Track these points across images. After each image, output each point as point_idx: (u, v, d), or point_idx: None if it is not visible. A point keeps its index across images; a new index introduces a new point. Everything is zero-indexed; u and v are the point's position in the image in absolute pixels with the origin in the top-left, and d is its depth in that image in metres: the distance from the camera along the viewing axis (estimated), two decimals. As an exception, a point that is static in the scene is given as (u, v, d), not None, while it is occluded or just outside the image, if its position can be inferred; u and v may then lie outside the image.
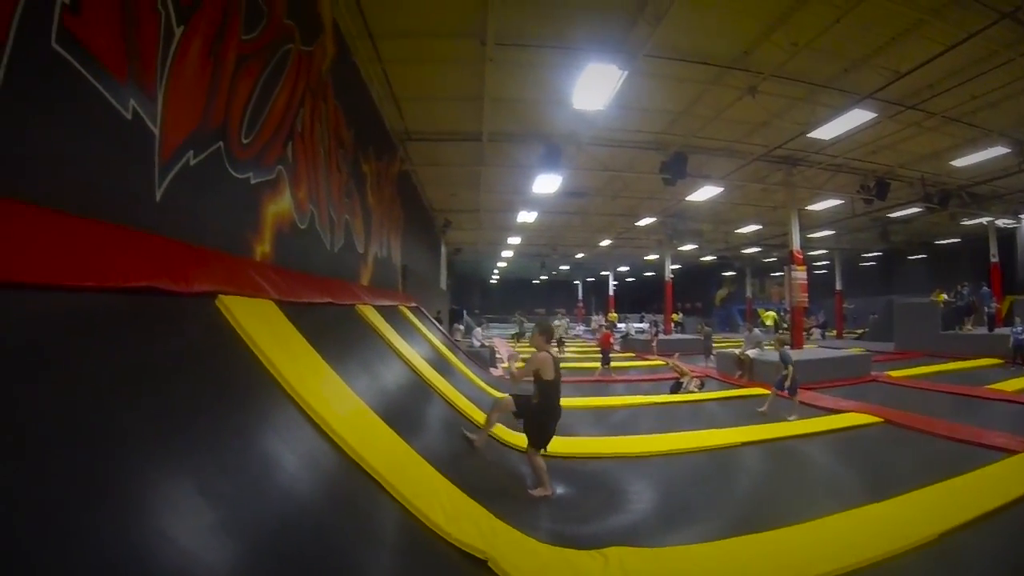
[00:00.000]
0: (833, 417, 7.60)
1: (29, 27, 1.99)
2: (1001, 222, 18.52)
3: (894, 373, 12.15)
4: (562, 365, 4.88)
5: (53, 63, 2.14)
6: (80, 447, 1.62)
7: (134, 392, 2.02)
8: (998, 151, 11.16)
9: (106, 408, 1.84)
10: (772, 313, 21.09)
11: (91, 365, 1.92)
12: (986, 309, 16.50)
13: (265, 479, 2.39)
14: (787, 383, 8.02)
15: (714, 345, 17.04)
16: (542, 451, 4.48)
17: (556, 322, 22.89)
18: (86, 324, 2.04)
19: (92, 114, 2.41)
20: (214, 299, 3.01)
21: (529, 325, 23.25)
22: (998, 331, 15.34)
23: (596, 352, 18.75)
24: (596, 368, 13.73)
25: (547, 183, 13.22)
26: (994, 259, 18.47)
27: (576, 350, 21.22)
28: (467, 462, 4.73)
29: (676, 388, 10.34)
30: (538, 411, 4.43)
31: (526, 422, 4.53)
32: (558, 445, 6.05)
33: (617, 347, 19.06)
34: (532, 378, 4.47)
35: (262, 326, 3.28)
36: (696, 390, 10.32)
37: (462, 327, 18.91)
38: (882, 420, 7.25)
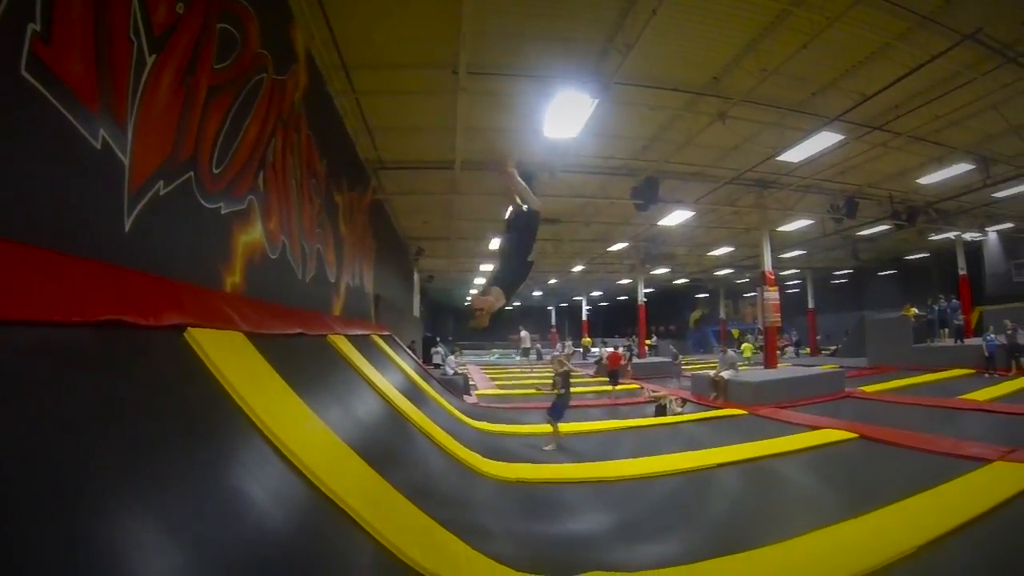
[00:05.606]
0: (808, 434, 7.63)
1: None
2: (968, 236, 19.11)
3: (867, 388, 12.24)
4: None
5: (22, 91, 2.10)
6: (44, 482, 1.56)
7: (100, 427, 1.95)
8: (963, 168, 11.39)
9: (71, 443, 1.77)
10: (749, 345, 21.29)
11: (55, 400, 1.85)
12: (955, 321, 17.12)
13: (235, 515, 2.33)
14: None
15: (684, 367, 17.85)
16: None
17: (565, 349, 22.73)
18: (51, 359, 1.96)
19: (61, 143, 2.35)
20: (182, 332, 2.94)
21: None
22: (968, 342, 15.83)
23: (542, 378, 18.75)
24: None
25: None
26: (962, 272, 19.03)
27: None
28: (444, 495, 4.65)
29: (661, 411, 10.26)
30: None
31: None
32: (536, 472, 6.04)
33: (590, 372, 19.05)
34: None
35: (231, 359, 3.22)
36: (681, 410, 10.33)
37: (441, 350, 18.60)
38: (857, 436, 7.29)
